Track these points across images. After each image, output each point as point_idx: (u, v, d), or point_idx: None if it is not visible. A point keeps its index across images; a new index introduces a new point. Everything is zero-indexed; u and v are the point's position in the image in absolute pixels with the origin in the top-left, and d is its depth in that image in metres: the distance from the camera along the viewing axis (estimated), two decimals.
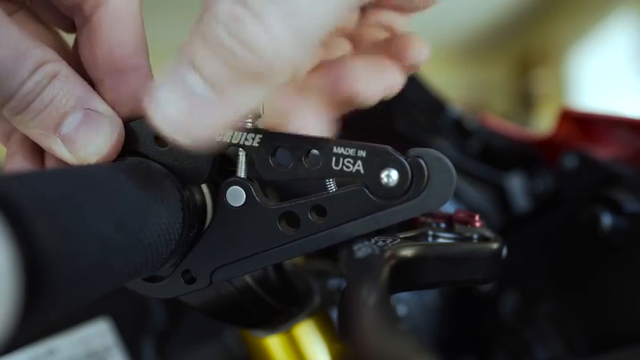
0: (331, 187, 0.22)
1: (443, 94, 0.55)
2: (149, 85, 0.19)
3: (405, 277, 0.22)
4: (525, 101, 3.66)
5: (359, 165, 0.22)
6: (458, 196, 0.52)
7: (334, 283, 0.35)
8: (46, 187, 0.17)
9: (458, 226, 0.26)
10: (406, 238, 0.23)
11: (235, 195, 0.23)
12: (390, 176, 0.21)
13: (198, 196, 0.24)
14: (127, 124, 0.23)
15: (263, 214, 0.23)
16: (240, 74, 0.18)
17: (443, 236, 0.25)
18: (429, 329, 0.47)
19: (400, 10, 0.27)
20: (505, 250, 0.24)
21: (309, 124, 0.25)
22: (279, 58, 0.17)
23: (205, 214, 0.24)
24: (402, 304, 0.45)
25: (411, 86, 0.53)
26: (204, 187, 0.25)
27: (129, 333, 0.40)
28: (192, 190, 0.24)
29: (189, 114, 0.18)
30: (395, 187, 0.21)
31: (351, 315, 0.18)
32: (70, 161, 0.22)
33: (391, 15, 0.28)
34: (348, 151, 0.22)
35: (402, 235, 0.23)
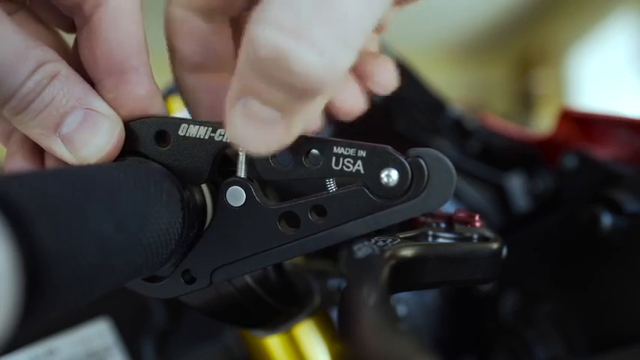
0: (331, 187, 0.22)
1: (443, 94, 0.55)
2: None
3: (405, 277, 0.22)
4: (525, 101, 3.66)
5: (359, 165, 0.22)
6: (458, 196, 0.52)
7: (334, 283, 0.35)
8: (46, 187, 0.17)
9: (458, 226, 0.26)
10: (406, 238, 0.23)
11: (235, 195, 0.23)
12: (390, 176, 0.21)
13: (198, 196, 0.24)
14: (127, 124, 0.23)
15: (263, 214, 0.23)
16: (299, 95, 0.18)
17: (443, 236, 0.25)
18: (429, 329, 0.47)
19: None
20: (505, 250, 0.24)
21: None
22: (332, 69, 0.17)
23: (205, 214, 0.24)
24: (402, 304, 0.45)
25: (411, 86, 0.53)
26: (204, 187, 0.25)
27: (129, 333, 0.40)
28: (192, 190, 0.24)
29: (260, 134, 0.19)
30: (395, 187, 0.21)
31: (351, 315, 0.18)
32: (70, 161, 0.22)
33: None
34: (348, 151, 0.22)
35: (402, 235, 0.23)
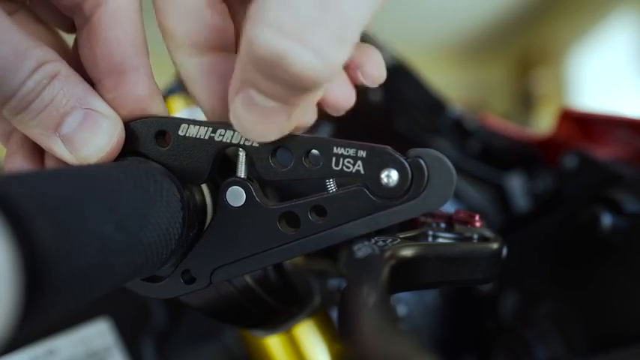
0: (331, 188, 0.22)
1: (443, 94, 0.55)
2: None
3: (405, 277, 0.22)
4: (525, 101, 3.67)
5: (359, 165, 0.22)
6: (458, 196, 0.52)
7: (334, 283, 0.35)
8: (46, 187, 0.17)
9: (458, 226, 0.26)
10: (406, 238, 0.23)
11: (235, 195, 0.23)
12: (390, 176, 0.21)
13: (198, 196, 0.24)
14: (127, 124, 0.23)
15: (263, 214, 0.23)
16: (297, 89, 0.19)
17: (443, 236, 0.25)
18: (429, 329, 0.47)
19: None
20: (505, 250, 0.24)
21: None
22: (328, 67, 0.18)
23: (205, 214, 0.24)
24: (402, 304, 0.45)
25: (411, 86, 0.53)
26: (204, 187, 0.25)
27: (129, 333, 0.40)
28: (193, 190, 0.24)
29: (261, 123, 0.20)
30: (395, 187, 0.21)
31: (351, 315, 0.18)
32: (70, 161, 0.22)
33: None
34: (348, 152, 0.22)
35: (402, 235, 0.23)
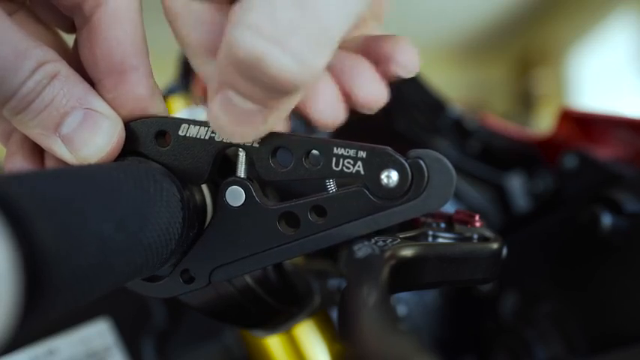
0: (331, 188, 0.22)
1: (443, 94, 0.55)
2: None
3: (405, 277, 0.22)
4: (525, 101, 3.67)
5: (359, 166, 0.22)
6: (458, 196, 0.52)
7: (334, 283, 0.35)
8: (46, 187, 0.17)
9: (458, 226, 0.26)
10: (406, 238, 0.23)
11: (235, 195, 0.23)
12: (390, 177, 0.21)
13: (198, 196, 0.24)
14: (127, 124, 0.23)
15: (263, 214, 0.23)
16: (275, 93, 0.19)
17: (443, 236, 0.25)
18: (429, 329, 0.47)
19: None
20: (505, 250, 0.24)
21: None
22: (306, 72, 0.18)
23: (205, 214, 0.24)
24: (402, 304, 0.45)
25: (411, 86, 0.53)
26: (204, 187, 0.25)
27: (129, 333, 0.40)
28: (193, 190, 0.24)
29: (240, 124, 0.20)
30: (395, 187, 0.21)
31: (351, 315, 0.18)
32: (70, 161, 0.22)
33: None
34: (348, 152, 0.22)
35: (402, 235, 0.23)
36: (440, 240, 0.25)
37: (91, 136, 0.22)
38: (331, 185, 0.22)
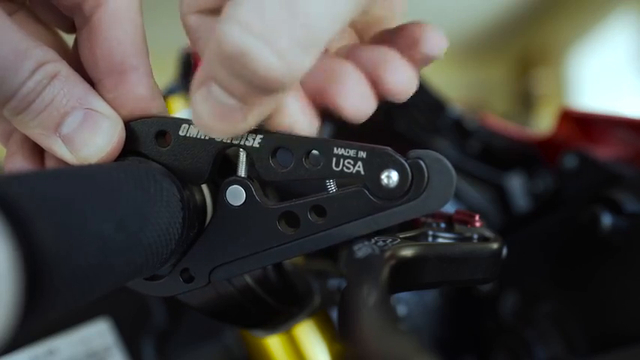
0: (331, 188, 0.22)
1: (443, 94, 0.55)
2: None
3: (405, 277, 0.22)
4: (525, 101, 3.66)
5: (359, 166, 0.22)
6: (458, 196, 0.52)
7: (334, 283, 0.35)
8: (46, 187, 0.17)
9: (458, 226, 0.26)
10: (406, 238, 0.23)
11: (235, 194, 0.23)
12: (390, 177, 0.21)
13: (198, 196, 0.24)
14: (127, 124, 0.23)
15: (263, 213, 0.23)
16: (258, 90, 0.19)
17: (443, 236, 0.25)
18: (429, 329, 0.47)
19: None
20: (505, 250, 0.24)
21: (297, 120, 0.24)
22: (291, 71, 0.18)
23: (205, 214, 0.24)
24: (402, 304, 0.45)
25: None
26: (204, 187, 0.25)
27: (129, 333, 0.40)
28: (193, 190, 0.24)
29: (219, 119, 0.20)
30: (395, 188, 0.21)
31: (351, 315, 0.18)
32: (71, 161, 0.22)
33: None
34: (348, 152, 0.22)
35: (402, 235, 0.23)
36: (440, 240, 0.25)
37: (92, 136, 0.22)
38: (331, 185, 0.22)
